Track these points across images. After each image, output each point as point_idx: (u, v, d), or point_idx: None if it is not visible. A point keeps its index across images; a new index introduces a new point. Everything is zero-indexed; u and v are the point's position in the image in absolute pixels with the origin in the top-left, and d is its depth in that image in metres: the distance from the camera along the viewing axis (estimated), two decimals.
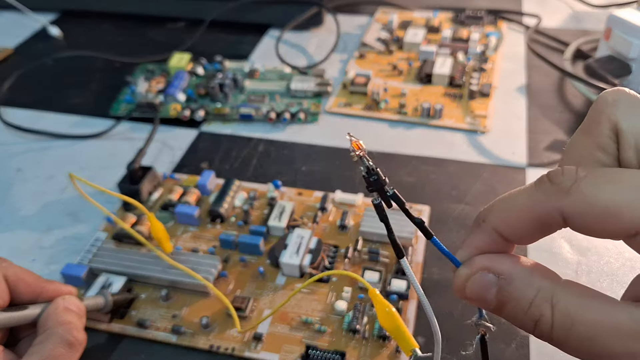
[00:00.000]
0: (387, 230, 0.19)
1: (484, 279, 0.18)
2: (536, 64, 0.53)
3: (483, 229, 0.19)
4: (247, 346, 0.30)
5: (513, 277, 0.18)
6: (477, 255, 0.19)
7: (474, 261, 0.19)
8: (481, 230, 0.19)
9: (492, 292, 0.18)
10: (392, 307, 0.24)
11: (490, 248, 0.19)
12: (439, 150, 0.44)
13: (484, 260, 0.19)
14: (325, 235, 0.36)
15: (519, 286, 0.18)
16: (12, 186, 0.43)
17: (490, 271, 0.18)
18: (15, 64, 0.58)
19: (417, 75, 0.52)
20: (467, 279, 0.19)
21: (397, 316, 0.24)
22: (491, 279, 0.18)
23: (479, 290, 0.18)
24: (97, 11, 0.67)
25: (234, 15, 0.62)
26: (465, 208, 0.38)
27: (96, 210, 0.40)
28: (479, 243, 0.19)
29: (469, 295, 0.19)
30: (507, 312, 0.18)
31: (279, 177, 0.42)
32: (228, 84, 0.50)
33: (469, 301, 0.19)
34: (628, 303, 0.17)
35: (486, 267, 0.18)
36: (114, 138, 0.47)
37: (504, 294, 0.18)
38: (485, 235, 0.19)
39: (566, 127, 0.45)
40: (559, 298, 0.17)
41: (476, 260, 0.19)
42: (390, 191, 0.19)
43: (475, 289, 0.19)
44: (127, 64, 0.56)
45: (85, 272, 0.34)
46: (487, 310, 0.19)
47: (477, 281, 0.19)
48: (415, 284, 0.20)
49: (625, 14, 0.46)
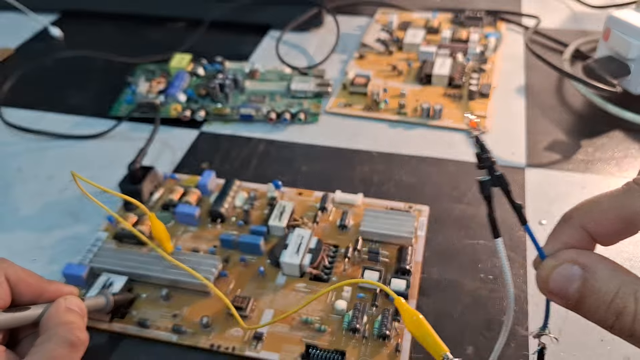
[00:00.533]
0: (489, 208, 0.19)
1: (570, 271, 0.19)
2: (535, 64, 0.54)
3: (571, 225, 0.20)
4: (247, 345, 0.30)
5: (598, 270, 0.18)
6: (564, 249, 0.19)
7: (560, 254, 0.19)
8: (569, 226, 0.20)
9: (576, 285, 0.18)
10: (420, 314, 0.25)
11: (576, 244, 0.19)
12: (439, 150, 0.44)
13: (571, 253, 0.19)
14: (325, 235, 0.36)
15: (603, 278, 0.18)
16: (13, 186, 0.43)
17: (576, 263, 0.19)
18: (16, 64, 0.59)
19: (417, 76, 0.52)
20: (553, 270, 0.19)
21: (425, 323, 0.24)
22: (576, 271, 0.19)
23: (563, 282, 0.19)
24: (98, 12, 0.67)
25: (234, 16, 0.62)
26: (465, 208, 0.38)
27: (97, 210, 0.40)
28: (566, 238, 0.20)
29: (552, 286, 0.19)
30: (588, 305, 0.18)
31: (279, 177, 0.42)
32: (228, 85, 0.50)
33: (549, 295, 0.19)
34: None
35: (572, 260, 0.19)
36: (115, 138, 0.47)
37: (588, 286, 0.18)
38: (572, 231, 0.19)
39: (565, 128, 0.46)
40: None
41: (563, 253, 0.19)
42: (498, 172, 0.19)
43: (560, 280, 0.19)
44: (127, 65, 0.56)
45: (86, 272, 0.34)
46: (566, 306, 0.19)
47: (562, 272, 0.19)
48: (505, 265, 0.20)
49: (624, 14, 0.46)
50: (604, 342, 0.29)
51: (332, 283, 0.33)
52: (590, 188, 0.39)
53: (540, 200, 0.39)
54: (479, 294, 0.32)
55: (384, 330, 0.30)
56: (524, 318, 0.31)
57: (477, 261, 0.34)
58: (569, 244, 0.20)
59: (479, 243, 0.36)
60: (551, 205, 0.38)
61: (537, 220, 0.37)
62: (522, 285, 0.33)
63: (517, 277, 0.33)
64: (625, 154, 0.43)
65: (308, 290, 0.33)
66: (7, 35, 0.64)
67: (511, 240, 0.36)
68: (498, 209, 0.39)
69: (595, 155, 0.42)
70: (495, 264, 0.34)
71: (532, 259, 0.30)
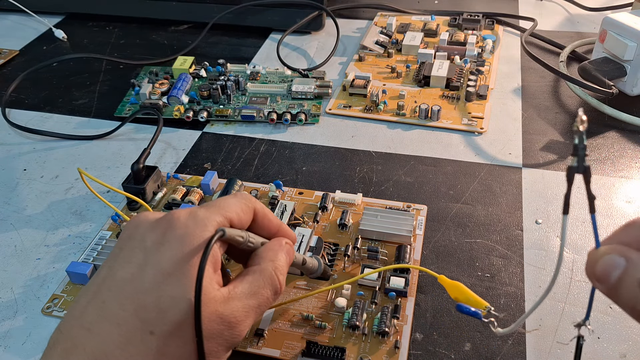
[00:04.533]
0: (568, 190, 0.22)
1: (615, 260, 0.21)
2: (532, 66, 0.54)
3: (631, 229, 0.22)
4: (248, 342, 0.31)
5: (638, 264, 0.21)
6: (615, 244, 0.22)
7: (612, 246, 0.22)
8: (629, 229, 0.22)
9: (617, 273, 0.21)
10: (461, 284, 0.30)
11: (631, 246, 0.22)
12: (437, 150, 0.45)
13: (621, 247, 0.22)
14: (325, 234, 0.37)
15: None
16: (18, 186, 0.43)
17: (623, 256, 0.21)
18: (21, 66, 0.59)
19: (415, 78, 0.53)
20: (601, 257, 0.22)
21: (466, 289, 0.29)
22: (621, 261, 0.21)
23: (607, 267, 0.21)
24: (102, 14, 0.68)
25: (236, 19, 0.63)
26: (463, 207, 0.39)
27: (101, 209, 0.41)
28: (623, 239, 0.22)
29: (598, 269, 0.22)
30: (620, 292, 0.21)
31: (280, 177, 0.43)
32: (230, 86, 0.50)
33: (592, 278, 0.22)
34: None
35: (619, 252, 0.21)
36: (119, 139, 0.48)
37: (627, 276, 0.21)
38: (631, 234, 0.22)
39: (561, 128, 0.46)
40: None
41: (614, 245, 0.22)
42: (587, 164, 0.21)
43: (605, 265, 0.21)
44: (131, 66, 0.57)
45: (90, 270, 0.34)
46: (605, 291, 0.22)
47: (608, 260, 0.21)
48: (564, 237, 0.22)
49: (620, 16, 0.47)
50: (601, 339, 0.30)
51: (332, 280, 0.34)
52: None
53: (537, 200, 0.39)
54: (475, 291, 0.33)
55: (383, 327, 0.30)
56: (520, 315, 0.32)
57: (474, 259, 0.35)
58: (625, 243, 0.22)
59: (476, 242, 0.36)
60: (547, 205, 0.39)
61: (534, 219, 0.38)
62: (518, 284, 0.33)
63: (514, 275, 0.34)
64: (621, 154, 0.43)
65: (309, 288, 0.34)
66: (12, 37, 0.65)
67: (508, 239, 0.36)
68: (495, 209, 0.39)
69: (591, 155, 0.43)
70: (492, 262, 0.35)
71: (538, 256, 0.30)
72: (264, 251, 0.27)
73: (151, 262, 0.24)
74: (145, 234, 0.25)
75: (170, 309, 0.23)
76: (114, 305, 0.23)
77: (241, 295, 0.25)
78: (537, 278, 0.34)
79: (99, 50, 0.61)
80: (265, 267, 0.26)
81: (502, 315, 0.31)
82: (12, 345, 0.32)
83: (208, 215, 0.25)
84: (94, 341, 0.22)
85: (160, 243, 0.24)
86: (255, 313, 0.25)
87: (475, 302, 0.28)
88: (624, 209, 0.38)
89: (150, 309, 0.23)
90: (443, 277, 0.30)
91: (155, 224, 0.25)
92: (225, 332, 0.24)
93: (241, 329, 0.25)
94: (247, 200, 0.28)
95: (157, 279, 0.23)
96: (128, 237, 0.26)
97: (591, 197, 0.22)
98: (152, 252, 0.24)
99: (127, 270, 0.24)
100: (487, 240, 0.36)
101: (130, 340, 0.23)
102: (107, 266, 0.25)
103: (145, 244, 0.24)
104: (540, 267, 0.34)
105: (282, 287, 0.27)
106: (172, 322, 0.23)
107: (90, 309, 0.23)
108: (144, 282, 0.23)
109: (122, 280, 0.24)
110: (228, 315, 0.24)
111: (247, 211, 0.27)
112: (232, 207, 0.26)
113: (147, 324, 0.23)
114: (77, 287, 0.35)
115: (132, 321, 0.23)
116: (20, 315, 0.33)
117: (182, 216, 0.25)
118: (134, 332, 0.23)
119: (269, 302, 0.26)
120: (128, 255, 0.25)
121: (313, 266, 0.32)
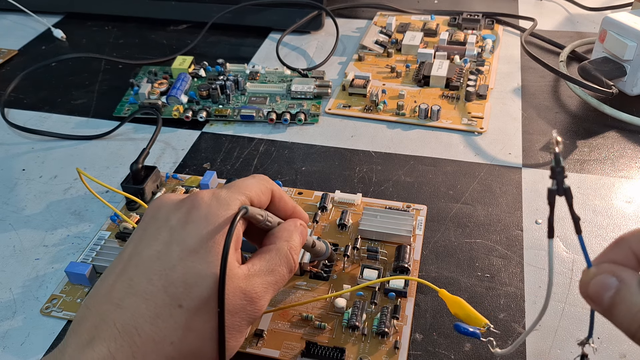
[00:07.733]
0: (550, 213, 0.22)
1: (607, 280, 0.21)
2: (532, 66, 0.54)
3: (621, 246, 0.22)
4: (248, 342, 0.31)
5: (632, 285, 0.21)
6: (607, 263, 0.22)
7: (603, 265, 0.22)
8: (619, 247, 0.22)
9: (610, 294, 0.21)
10: (461, 299, 0.29)
11: (622, 263, 0.22)
12: (437, 150, 0.44)
13: (612, 266, 0.22)
14: (325, 234, 0.37)
15: (634, 292, 0.20)
16: (17, 186, 0.43)
17: (615, 275, 0.21)
18: (20, 66, 0.59)
19: (415, 78, 0.52)
20: (593, 277, 0.22)
21: (466, 305, 0.29)
22: (612, 282, 0.21)
23: (599, 289, 0.21)
24: (101, 14, 0.68)
25: (235, 19, 0.63)
26: (462, 207, 0.39)
27: (100, 209, 0.40)
28: (614, 256, 0.22)
29: (590, 291, 0.22)
30: (616, 313, 0.21)
31: (280, 177, 0.43)
32: (229, 86, 0.50)
33: (587, 299, 0.22)
34: None
35: (612, 272, 0.21)
36: (118, 139, 0.48)
37: (620, 296, 0.21)
38: (621, 251, 0.22)
39: (561, 128, 0.46)
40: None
41: (605, 265, 0.22)
42: (566, 185, 0.21)
43: (597, 286, 0.21)
44: (130, 66, 0.57)
45: (89, 270, 0.34)
46: (599, 311, 0.22)
47: (600, 280, 0.21)
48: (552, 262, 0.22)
49: (620, 16, 0.47)
50: (601, 339, 0.30)
51: (332, 281, 0.34)
52: (586, 188, 0.40)
53: (537, 200, 0.39)
54: (475, 292, 0.33)
55: (382, 327, 0.30)
56: (520, 316, 0.32)
57: (473, 259, 0.35)
58: (616, 261, 0.22)
59: (475, 242, 0.36)
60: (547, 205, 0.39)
61: (533, 219, 0.38)
62: (518, 284, 0.33)
63: (514, 275, 0.34)
64: (621, 154, 0.43)
65: (308, 288, 0.33)
66: (11, 36, 0.65)
67: (508, 239, 0.36)
68: (495, 209, 0.39)
69: (590, 155, 0.43)
70: (492, 262, 0.35)
71: (530, 261, 0.30)
72: (280, 231, 0.28)
73: (177, 240, 0.24)
74: (169, 214, 0.26)
75: (196, 285, 0.24)
76: (142, 280, 0.24)
77: (260, 272, 0.26)
78: (537, 278, 0.34)
79: (97, 50, 0.61)
80: (281, 246, 0.27)
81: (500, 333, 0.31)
82: (11, 345, 0.32)
83: (230, 195, 0.26)
84: (124, 316, 0.23)
85: (185, 222, 0.25)
86: (273, 289, 0.26)
87: (475, 319, 0.28)
88: (624, 209, 0.38)
89: (178, 284, 0.24)
90: (444, 292, 0.30)
91: (179, 205, 0.26)
92: (248, 307, 0.25)
93: (262, 304, 0.26)
94: (266, 181, 0.29)
95: (183, 255, 0.24)
96: (152, 217, 0.26)
97: (575, 218, 0.22)
98: (177, 230, 0.25)
99: (153, 247, 0.25)
100: (487, 241, 0.36)
101: (160, 314, 0.23)
102: (132, 245, 0.26)
103: (170, 223, 0.25)
104: (540, 267, 0.34)
105: (297, 266, 0.28)
106: (199, 297, 0.24)
107: (119, 285, 0.24)
108: (171, 258, 0.24)
109: (149, 258, 0.24)
110: (250, 290, 0.25)
111: (265, 192, 0.28)
112: (252, 187, 0.27)
113: (176, 298, 0.23)
114: (76, 287, 0.35)
115: (160, 296, 0.23)
116: (19, 315, 0.33)
117: (206, 196, 0.26)
118: (163, 307, 0.23)
119: (284, 279, 0.27)
120: (154, 234, 0.25)
121: (321, 249, 0.33)
